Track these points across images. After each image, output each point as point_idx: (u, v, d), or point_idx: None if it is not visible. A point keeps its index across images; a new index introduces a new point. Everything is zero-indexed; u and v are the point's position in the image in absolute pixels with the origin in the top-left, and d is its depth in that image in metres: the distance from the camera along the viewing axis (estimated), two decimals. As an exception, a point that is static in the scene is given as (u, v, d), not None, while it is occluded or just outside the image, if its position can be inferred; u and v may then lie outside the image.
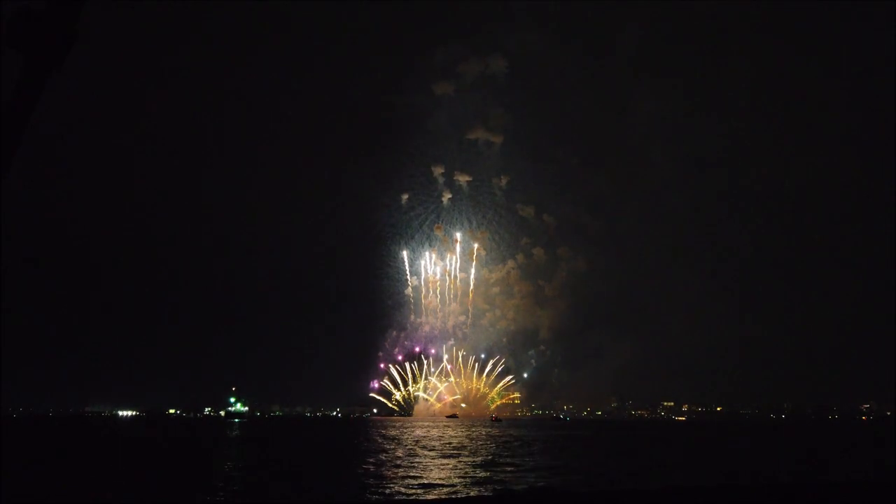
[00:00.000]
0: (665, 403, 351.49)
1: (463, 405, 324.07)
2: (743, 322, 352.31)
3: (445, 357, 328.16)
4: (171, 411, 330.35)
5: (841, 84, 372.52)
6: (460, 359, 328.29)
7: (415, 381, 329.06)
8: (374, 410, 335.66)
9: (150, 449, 77.63)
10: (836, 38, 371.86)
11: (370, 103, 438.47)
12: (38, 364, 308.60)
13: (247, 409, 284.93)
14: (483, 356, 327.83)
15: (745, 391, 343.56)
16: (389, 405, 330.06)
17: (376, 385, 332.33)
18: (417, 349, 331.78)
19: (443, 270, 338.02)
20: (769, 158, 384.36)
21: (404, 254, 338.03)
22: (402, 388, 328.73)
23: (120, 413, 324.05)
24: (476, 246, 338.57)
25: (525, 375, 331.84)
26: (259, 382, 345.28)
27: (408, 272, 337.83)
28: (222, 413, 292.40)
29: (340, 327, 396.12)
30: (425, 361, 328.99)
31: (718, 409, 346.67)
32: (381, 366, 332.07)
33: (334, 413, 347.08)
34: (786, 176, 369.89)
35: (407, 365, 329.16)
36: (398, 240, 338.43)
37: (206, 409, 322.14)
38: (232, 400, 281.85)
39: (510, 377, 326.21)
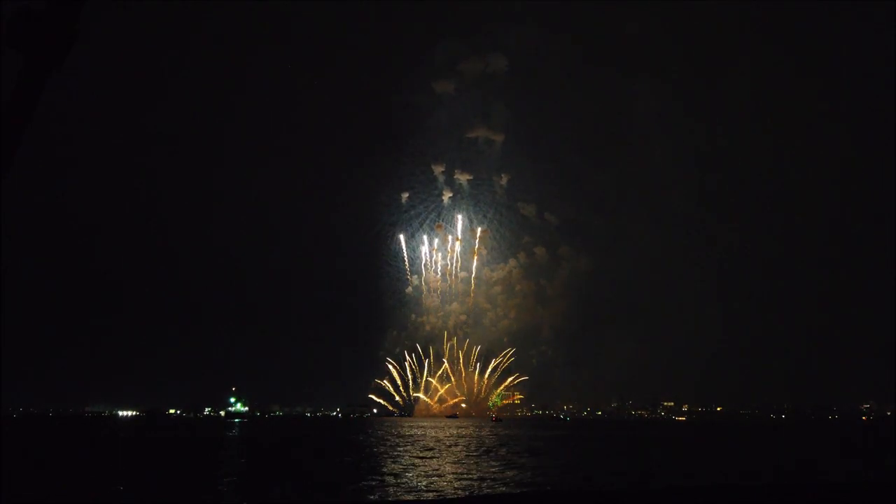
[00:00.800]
0: (665, 403, 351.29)
1: (463, 405, 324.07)
2: (743, 322, 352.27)
3: (445, 357, 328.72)
4: (171, 411, 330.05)
5: (841, 84, 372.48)
6: (461, 358, 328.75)
7: (415, 381, 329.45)
8: (374, 410, 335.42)
9: (151, 449, 77.61)
10: (835, 39, 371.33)
11: (370, 102, 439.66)
12: (38, 364, 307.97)
13: (247, 409, 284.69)
14: (484, 355, 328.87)
15: (745, 391, 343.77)
16: (389, 406, 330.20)
17: (376, 385, 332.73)
18: (418, 348, 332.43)
19: (443, 269, 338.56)
20: (769, 158, 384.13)
21: (405, 253, 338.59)
22: (402, 389, 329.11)
23: (120, 413, 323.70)
24: (477, 245, 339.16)
25: (526, 376, 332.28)
26: (259, 382, 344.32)
27: (408, 271, 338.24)
28: (222, 413, 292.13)
29: (341, 327, 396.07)
30: (425, 361, 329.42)
31: (718, 409, 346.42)
32: (382, 366, 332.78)
33: (334, 413, 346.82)
34: (785, 175, 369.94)
35: (407, 365, 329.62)
36: (398, 239, 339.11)
37: (206, 409, 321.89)
38: (232, 400, 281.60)
39: (517, 374, 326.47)
